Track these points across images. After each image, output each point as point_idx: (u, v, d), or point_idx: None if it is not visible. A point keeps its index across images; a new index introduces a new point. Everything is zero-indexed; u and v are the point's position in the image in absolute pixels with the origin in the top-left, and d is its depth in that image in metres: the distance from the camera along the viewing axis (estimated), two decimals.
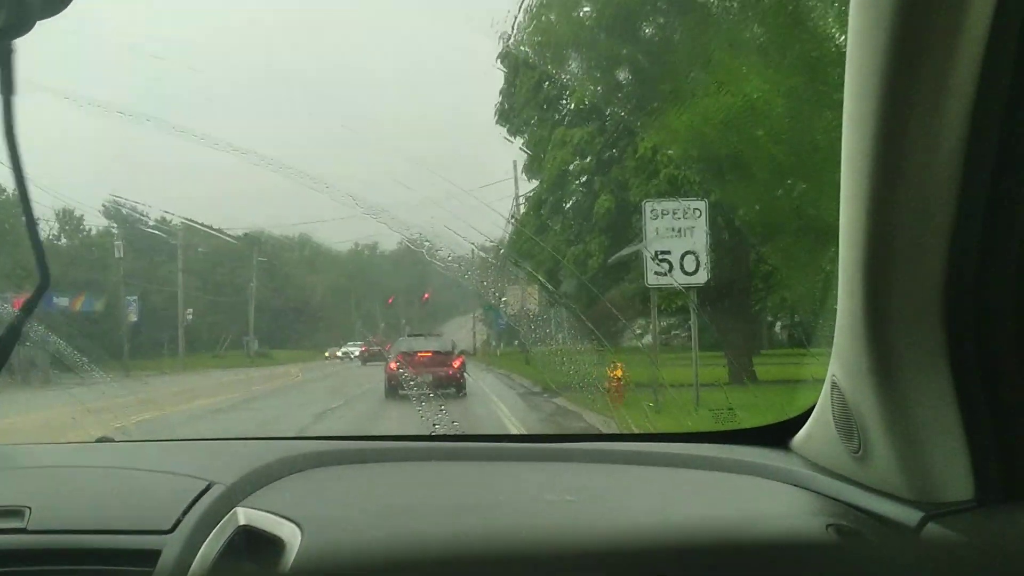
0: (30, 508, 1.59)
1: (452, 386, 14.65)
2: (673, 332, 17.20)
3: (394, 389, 13.44)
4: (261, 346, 42.31)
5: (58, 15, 1.16)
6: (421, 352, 15.58)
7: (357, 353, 32.74)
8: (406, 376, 12.18)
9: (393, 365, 14.84)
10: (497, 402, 14.41)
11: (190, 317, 34.96)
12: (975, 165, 1.10)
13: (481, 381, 18.20)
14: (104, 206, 40.32)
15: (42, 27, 1.15)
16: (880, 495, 1.39)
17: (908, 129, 1.11)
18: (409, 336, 21.87)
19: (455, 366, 15.42)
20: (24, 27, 1.12)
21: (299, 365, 33.06)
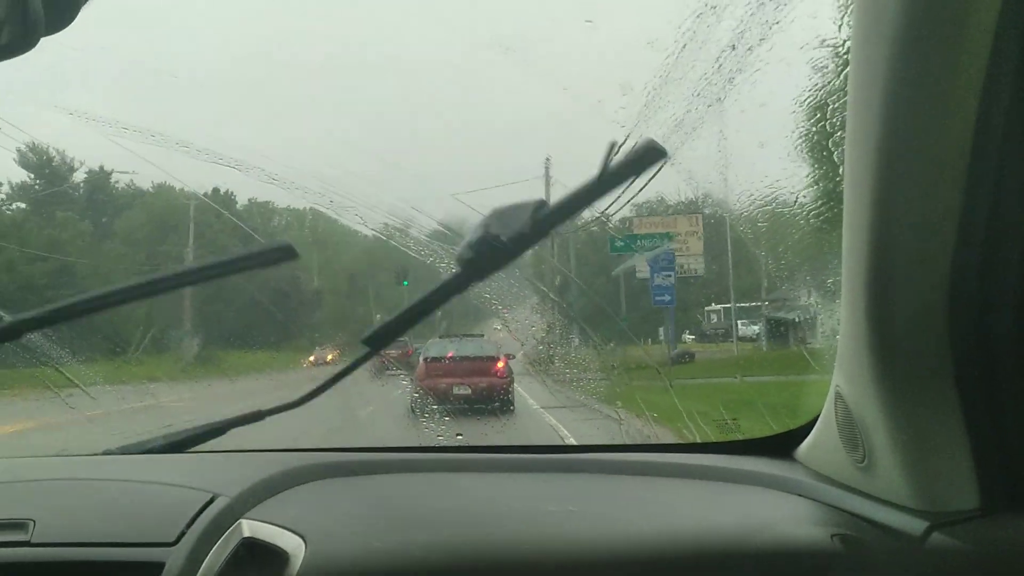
0: (34, 521, 1.58)
1: (496, 400, 12.06)
2: None
3: (421, 405, 10.18)
4: (208, 346, 31.63)
5: (63, 31, 1.16)
6: (457, 358, 12.99)
7: None
8: (439, 388, 10.55)
9: (421, 374, 12.26)
10: None
11: None
12: (979, 176, 1.10)
13: None
14: (19, 151, 34.13)
15: (47, 43, 1.15)
16: (885, 504, 1.40)
17: (911, 139, 1.11)
18: (440, 338, 17.21)
19: (500, 374, 12.61)
20: (29, 44, 1.13)
21: (259, 377, 23.85)
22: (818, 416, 1.67)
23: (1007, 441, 1.23)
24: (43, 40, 1.14)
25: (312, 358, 32.49)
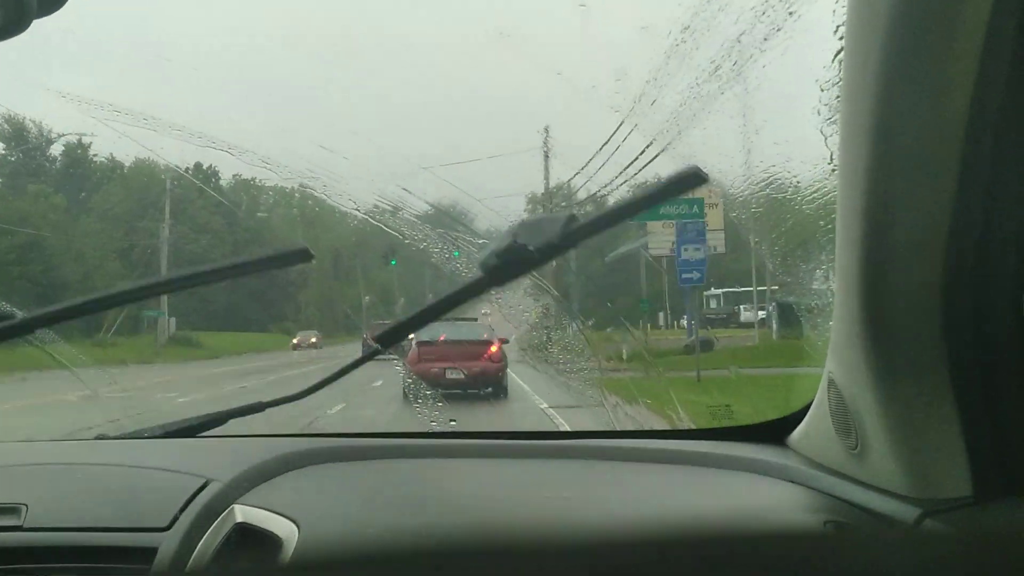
0: (27, 505, 1.58)
1: (489, 384, 12.08)
2: None
3: (415, 391, 8.51)
4: (183, 326, 31.14)
5: (55, 13, 1.15)
6: (449, 341, 12.67)
7: None
8: (431, 373, 10.35)
9: (413, 358, 11.82)
10: None
11: None
12: (973, 162, 1.10)
13: None
14: None
15: (39, 26, 1.13)
16: (877, 491, 1.40)
17: (905, 126, 1.11)
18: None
19: (493, 358, 12.57)
20: (21, 26, 1.11)
21: (237, 361, 24.01)
22: (811, 403, 1.68)
23: (1001, 428, 1.23)
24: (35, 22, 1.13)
25: (296, 340, 32.07)
